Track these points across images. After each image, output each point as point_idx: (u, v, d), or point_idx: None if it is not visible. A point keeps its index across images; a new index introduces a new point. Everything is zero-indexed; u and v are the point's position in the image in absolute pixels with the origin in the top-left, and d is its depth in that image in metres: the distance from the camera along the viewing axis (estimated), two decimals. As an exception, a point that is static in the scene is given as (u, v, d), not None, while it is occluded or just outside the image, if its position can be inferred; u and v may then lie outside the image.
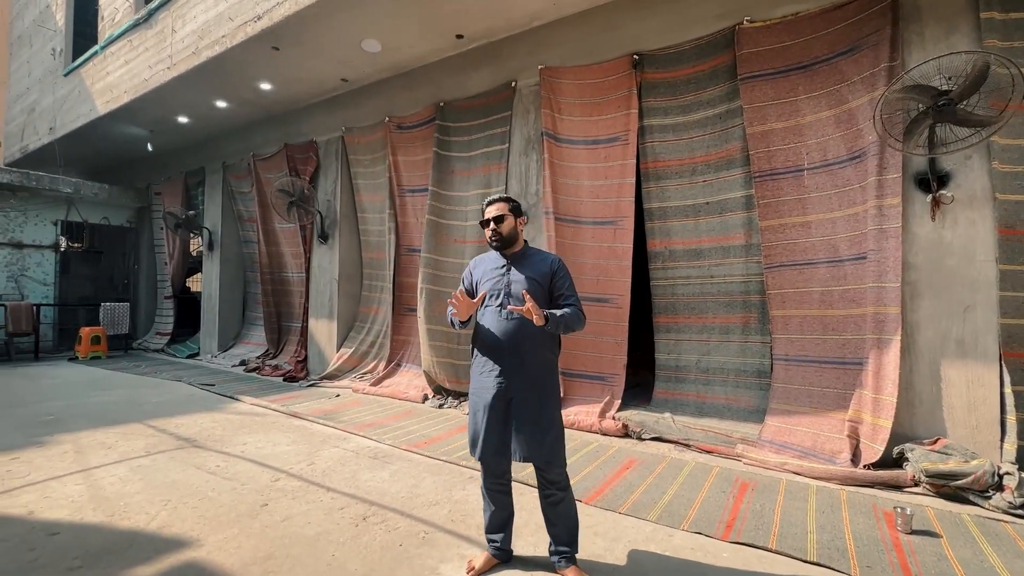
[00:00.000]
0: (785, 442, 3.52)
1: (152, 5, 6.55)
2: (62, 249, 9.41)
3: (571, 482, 2.18)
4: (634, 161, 4.40)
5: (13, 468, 3.28)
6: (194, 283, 12.83)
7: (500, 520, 2.19)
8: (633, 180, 4.41)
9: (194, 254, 10.11)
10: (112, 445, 3.80)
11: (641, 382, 5.12)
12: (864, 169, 3.40)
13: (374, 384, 5.83)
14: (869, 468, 3.13)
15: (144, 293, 10.40)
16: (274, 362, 7.28)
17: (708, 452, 3.69)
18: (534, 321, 1.94)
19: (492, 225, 2.18)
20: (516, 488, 2.61)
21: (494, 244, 2.20)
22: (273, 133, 7.53)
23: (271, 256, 7.69)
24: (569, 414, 4.40)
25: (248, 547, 2.32)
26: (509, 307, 2.06)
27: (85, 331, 8.40)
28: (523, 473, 3.11)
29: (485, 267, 2.25)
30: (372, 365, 6.35)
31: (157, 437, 4.02)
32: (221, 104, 7.00)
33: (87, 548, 2.30)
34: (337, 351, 6.57)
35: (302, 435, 4.14)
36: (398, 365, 6.11)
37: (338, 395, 5.62)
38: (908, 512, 2.50)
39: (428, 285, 5.43)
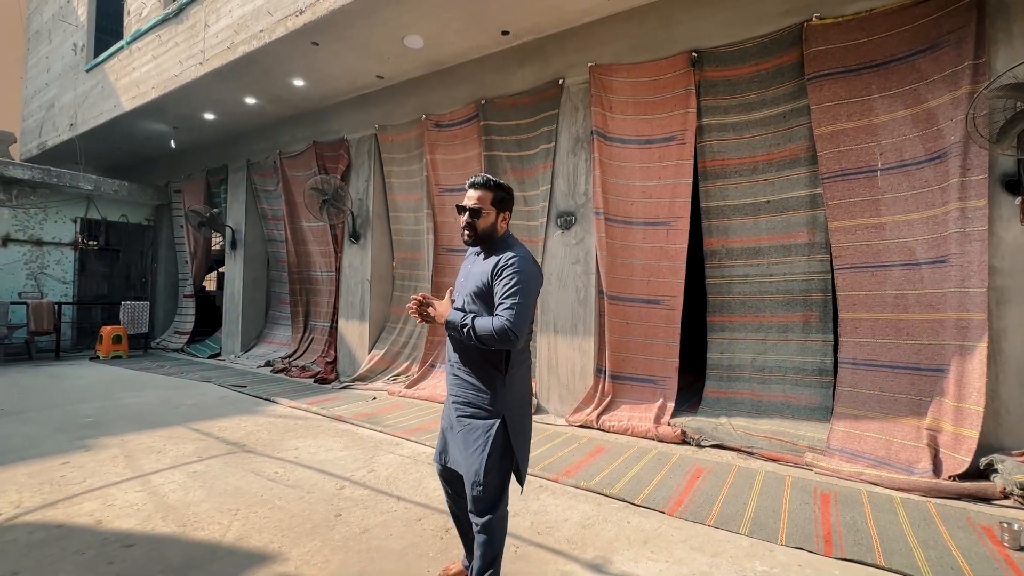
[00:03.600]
0: (856, 450, 3.43)
1: (183, 0, 6.44)
2: (80, 247, 9.31)
3: (641, 494, 2.03)
4: (691, 161, 4.30)
5: (67, 474, 3.18)
6: (209, 282, 12.76)
7: (458, 526, 2.05)
8: (690, 180, 4.31)
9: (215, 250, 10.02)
10: (161, 449, 3.69)
11: (683, 385, 5.02)
12: (944, 170, 3.29)
13: (409, 387, 5.72)
14: (954, 480, 3.02)
15: (162, 292, 10.29)
16: (300, 363, 7.17)
17: (774, 460, 3.59)
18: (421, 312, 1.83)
19: (467, 216, 1.84)
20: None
21: (465, 238, 1.88)
22: (301, 131, 7.43)
23: (299, 255, 7.59)
24: (621, 419, 4.31)
25: (336, 562, 2.21)
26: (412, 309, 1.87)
27: (106, 330, 8.30)
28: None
29: (465, 260, 2.04)
30: (405, 366, 6.24)
31: (204, 441, 3.91)
32: (250, 101, 6.90)
33: (168, 562, 2.20)
34: (369, 352, 6.47)
35: (352, 440, 4.04)
36: (432, 367, 6.01)
37: (374, 398, 5.51)
38: (1016, 528, 2.40)
39: None
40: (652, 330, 4.54)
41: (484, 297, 1.80)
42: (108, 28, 8.81)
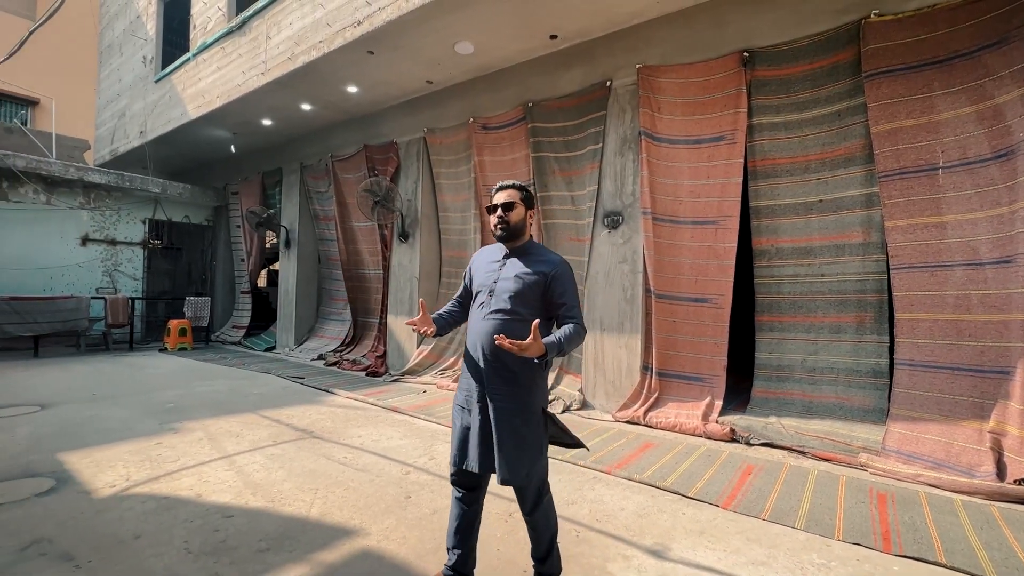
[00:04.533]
0: (913, 452, 3.40)
1: (246, 13, 6.84)
2: (148, 246, 10.00)
3: (693, 488, 2.09)
4: (741, 160, 4.31)
5: (162, 453, 3.52)
6: (260, 278, 13.43)
7: (461, 533, 1.97)
8: (739, 179, 4.33)
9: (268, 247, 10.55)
10: (238, 434, 4.02)
11: (729, 385, 5.01)
12: (1012, 168, 3.22)
13: (456, 380, 5.93)
14: (1020, 484, 2.97)
15: (220, 288, 10.92)
16: (351, 356, 7.52)
17: (826, 460, 3.60)
18: (517, 353, 1.67)
19: (500, 212, 1.96)
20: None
21: (499, 233, 1.98)
22: (352, 134, 7.76)
23: (349, 254, 7.95)
24: (668, 416, 4.38)
25: (413, 538, 2.41)
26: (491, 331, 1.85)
27: (173, 323, 8.91)
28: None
29: (483, 259, 2.08)
30: (452, 361, 6.47)
31: (276, 427, 4.22)
32: (306, 107, 7.26)
33: (265, 532, 2.45)
34: (417, 347, 6.73)
35: (409, 429, 4.27)
36: (479, 362, 6.20)
37: (425, 391, 5.75)
38: (1087, 532, 2.37)
39: None
40: (700, 328, 4.58)
41: (527, 299, 1.88)
42: (175, 41, 9.41)
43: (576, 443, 2.00)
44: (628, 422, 4.54)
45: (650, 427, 4.40)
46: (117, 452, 3.50)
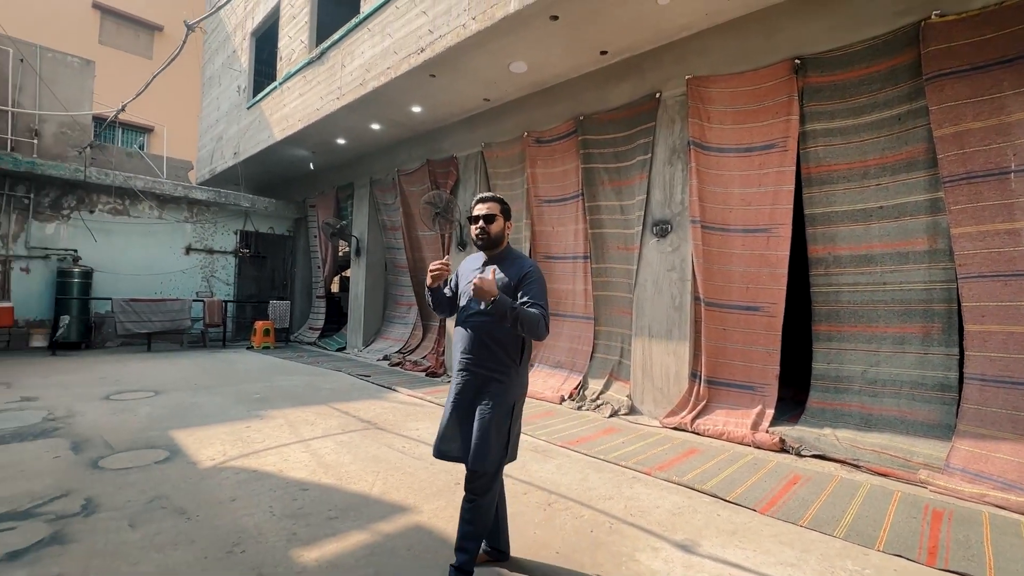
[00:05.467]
0: (981, 471, 3.22)
1: (324, 45, 7.58)
2: (239, 254, 11.17)
3: (733, 492, 2.14)
4: (793, 168, 4.27)
5: (251, 435, 4.05)
6: (333, 284, 14.47)
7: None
8: (792, 187, 4.28)
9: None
10: (312, 422, 4.51)
11: (781, 396, 4.89)
12: (1093, 170, 3.01)
13: (510, 383, 6.20)
14: (1102, 509, 2.76)
15: (299, 292, 11.95)
16: (413, 358, 8.01)
17: (882, 475, 3.48)
18: (483, 296, 1.92)
19: (481, 223, 2.18)
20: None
21: (479, 243, 2.21)
22: (416, 150, 8.31)
23: (414, 261, 8.49)
24: (716, 423, 4.38)
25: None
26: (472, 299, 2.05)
27: (259, 324, 9.89)
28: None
29: (466, 267, 2.30)
30: (505, 365, 6.75)
31: (344, 418, 4.68)
32: (375, 126, 7.90)
33: (334, 504, 2.82)
34: (473, 350, 7.06)
35: (462, 425, 4.58)
36: (531, 365, 6.44)
37: (479, 391, 6.06)
38: None
39: (601, 292, 5.77)
40: (751, 337, 4.55)
41: (508, 295, 2.07)
42: (264, 71, 10.50)
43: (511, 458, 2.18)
44: (675, 428, 4.58)
45: (697, 434, 4.42)
46: (215, 432, 4.07)
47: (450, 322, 7.56)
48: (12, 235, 8.41)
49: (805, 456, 3.85)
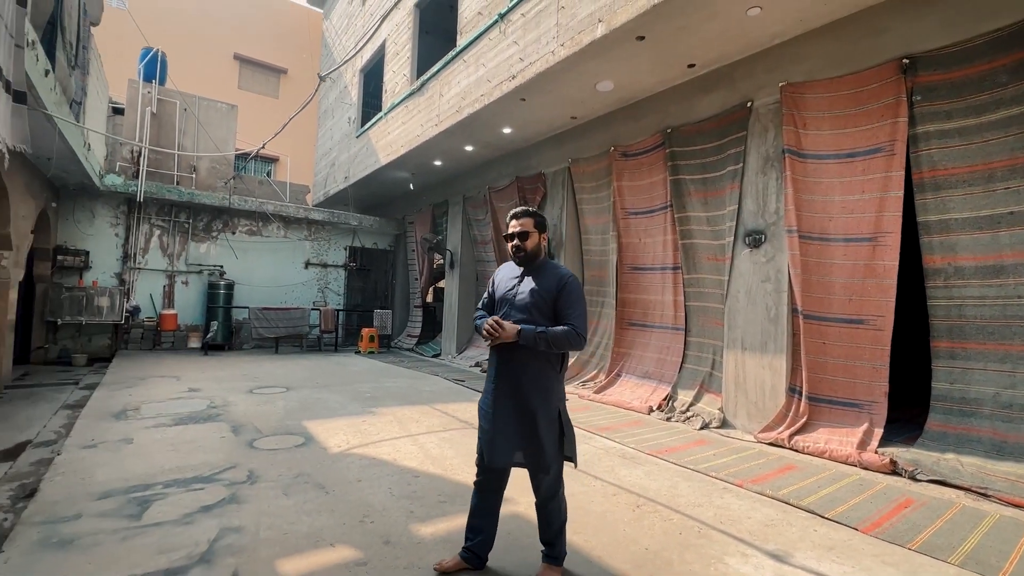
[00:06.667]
0: None
1: (424, 77, 8.33)
2: (348, 268, 12.42)
3: (833, 511, 2.12)
4: (901, 173, 4.03)
5: (367, 428, 4.62)
6: (429, 295, 15.48)
7: (478, 520, 2.31)
8: (900, 193, 4.04)
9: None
10: (418, 420, 5.00)
11: (896, 416, 4.54)
12: None
13: (597, 392, 6.34)
14: None
15: (399, 302, 12.97)
16: (503, 365, 8.40)
17: (1017, 506, 3.17)
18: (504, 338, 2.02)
19: (516, 240, 2.23)
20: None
21: (517, 260, 2.28)
22: (506, 168, 8.79)
23: (502, 273, 8.93)
24: (817, 441, 4.21)
25: (553, 511, 2.92)
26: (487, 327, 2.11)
27: (366, 331, 10.91)
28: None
29: (504, 275, 2.35)
30: (593, 374, 6.89)
31: (444, 418, 5.13)
32: (468, 148, 8.49)
33: (442, 490, 3.19)
34: (560, 359, 7.29)
35: (552, 430, 4.82)
36: (618, 375, 6.52)
37: (567, 399, 6.26)
38: None
39: (692, 302, 5.80)
40: (855, 351, 4.31)
41: (541, 309, 2.16)
42: (371, 102, 11.69)
43: (569, 456, 2.25)
44: (771, 444, 4.45)
45: (795, 451, 4.27)
46: (338, 424, 4.69)
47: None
48: (176, 254, 10.15)
49: (921, 480, 3.59)
